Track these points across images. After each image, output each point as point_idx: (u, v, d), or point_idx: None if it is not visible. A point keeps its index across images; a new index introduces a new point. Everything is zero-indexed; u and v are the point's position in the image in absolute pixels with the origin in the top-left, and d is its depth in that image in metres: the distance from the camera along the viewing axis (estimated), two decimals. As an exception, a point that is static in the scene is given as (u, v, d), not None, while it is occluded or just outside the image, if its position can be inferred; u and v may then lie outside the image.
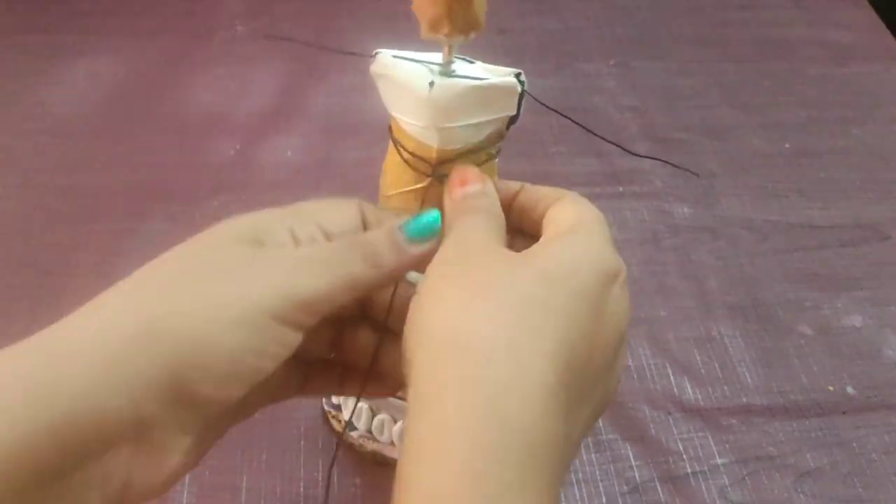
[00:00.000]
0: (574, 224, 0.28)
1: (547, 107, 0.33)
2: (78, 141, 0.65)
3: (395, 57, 0.32)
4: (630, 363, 0.52)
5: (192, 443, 0.25)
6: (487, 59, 0.33)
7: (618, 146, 0.37)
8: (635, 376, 0.52)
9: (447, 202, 0.30)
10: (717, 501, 0.46)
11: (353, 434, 0.45)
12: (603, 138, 0.34)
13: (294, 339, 0.25)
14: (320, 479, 0.45)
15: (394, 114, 0.33)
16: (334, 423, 0.47)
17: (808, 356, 0.54)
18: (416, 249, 0.28)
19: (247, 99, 0.69)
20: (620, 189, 0.64)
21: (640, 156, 0.36)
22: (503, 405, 0.22)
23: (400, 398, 0.41)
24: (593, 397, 0.26)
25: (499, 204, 0.30)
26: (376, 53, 0.32)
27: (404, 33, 0.34)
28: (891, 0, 0.87)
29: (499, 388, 0.22)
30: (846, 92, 0.76)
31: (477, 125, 0.32)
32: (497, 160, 0.34)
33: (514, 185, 0.31)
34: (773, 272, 0.59)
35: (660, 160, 0.53)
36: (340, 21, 0.78)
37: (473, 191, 0.30)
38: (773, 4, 0.86)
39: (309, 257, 0.26)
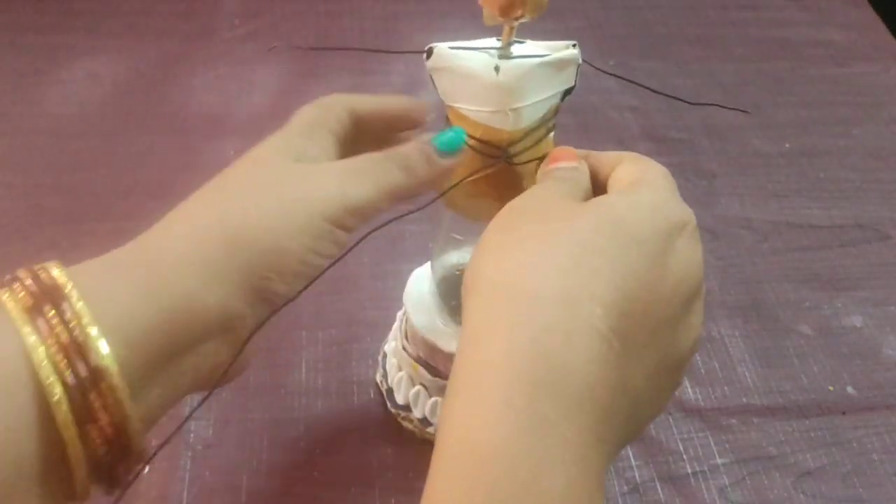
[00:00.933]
0: (637, 179, 0.28)
1: (603, 71, 0.35)
2: (78, 141, 0.65)
3: (451, 49, 0.32)
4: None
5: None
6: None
7: (674, 97, 0.37)
8: (635, 376, 0.52)
9: (540, 173, 0.32)
10: (717, 501, 0.46)
11: (431, 430, 0.45)
12: (658, 92, 0.35)
13: (344, 238, 0.29)
14: (320, 478, 0.45)
15: (455, 105, 0.33)
16: (405, 423, 0.46)
17: (808, 356, 0.54)
18: (446, 161, 0.32)
19: (247, 99, 0.69)
20: (620, 189, 0.64)
21: (692, 103, 0.36)
22: (548, 345, 0.22)
23: None
24: (656, 349, 0.25)
25: (589, 180, 0.31)
26: (430, 49, 0.32)
27: (405, 33, 0.34)
28: (891, 0, 0.87)
29: (545, 330, 0.23)
30: (846, 92, 0.76)
31: (541, 102, 0.32)
32: (553, 134, 0.35)
33: (579, 154, 0.32)
34: (773, 272, 0.59)
35: (710, 104, 0.54)
36: (341, 21, 0.78)
37: (566, 165, 0.31)
38: (773, 4, 0.86)
39: (354, 168, 0.30)
